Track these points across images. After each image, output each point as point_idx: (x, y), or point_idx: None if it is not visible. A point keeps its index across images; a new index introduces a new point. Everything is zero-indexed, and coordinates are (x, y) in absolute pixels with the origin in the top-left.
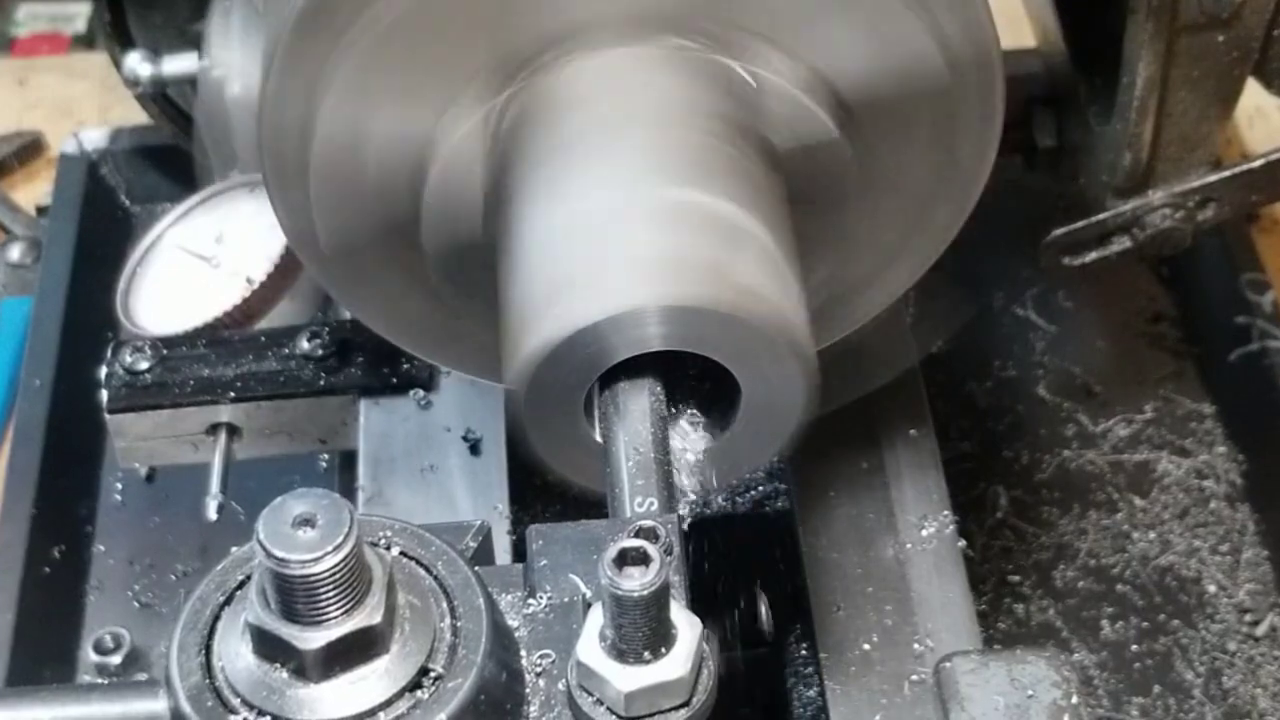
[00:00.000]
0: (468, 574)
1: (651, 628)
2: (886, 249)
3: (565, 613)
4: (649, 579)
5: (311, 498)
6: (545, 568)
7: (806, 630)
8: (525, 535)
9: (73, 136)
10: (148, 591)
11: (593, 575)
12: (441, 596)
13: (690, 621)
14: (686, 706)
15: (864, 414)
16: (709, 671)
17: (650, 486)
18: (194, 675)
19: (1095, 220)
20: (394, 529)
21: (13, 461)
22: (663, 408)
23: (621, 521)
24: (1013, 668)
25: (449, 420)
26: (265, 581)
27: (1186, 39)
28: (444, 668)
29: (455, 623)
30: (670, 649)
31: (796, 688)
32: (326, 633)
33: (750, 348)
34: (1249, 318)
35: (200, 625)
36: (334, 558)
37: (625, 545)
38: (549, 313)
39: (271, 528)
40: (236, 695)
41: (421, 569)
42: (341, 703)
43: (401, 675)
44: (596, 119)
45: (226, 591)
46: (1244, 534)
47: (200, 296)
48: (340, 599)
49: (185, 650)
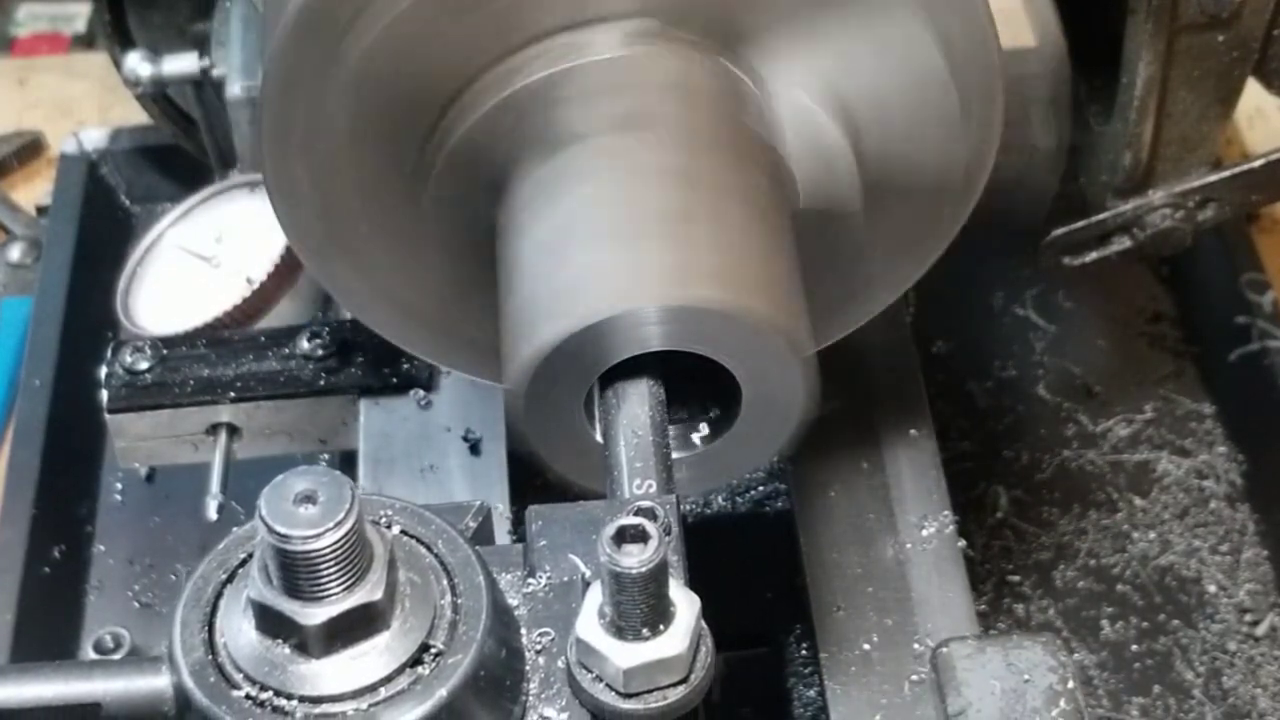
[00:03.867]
0: (468, 552)
1: (650, 605)
2: (886, 251)
3: (564, 592)
4: (647, 556)
5: (313, 475)
6: (545, 548)
7: (806, 630)
8: (524, 516)
9: (73, 136)
10: (148, 591)
11: (592, 555)
12: (442, 574)
13: (689, 599)
14: (685, 683)
15: (864, 414)
16: (707, 649)
17: (649, 469)
18: (197, 651)
19: (1095, 220)
20: (394, 508)
21: (13, 461)
22: (663, 401)
23: (620, 502)
24: (1009, 653)
25: (449, 420)
26: (267, 558)
27: (1186, 39)
28: (444, 644)
29: (455, 600)
30: (669, 626)
31: (796, 688)
32: (328, 609)
33: (750, 348)
34: (1249, 318)
35: (203, 602)
36: (335, 534)
37: (624, 523)
38: (549, 313)
39: (274, 504)
40: (239, 671)
41: (422, 547)
42: (343, 678)
43: (402, 651)
44: (599, 119)
45: (229, 569)
46: (1244, 534)
47: (200, 296)
48: (341, 575)
49: (188, 627)
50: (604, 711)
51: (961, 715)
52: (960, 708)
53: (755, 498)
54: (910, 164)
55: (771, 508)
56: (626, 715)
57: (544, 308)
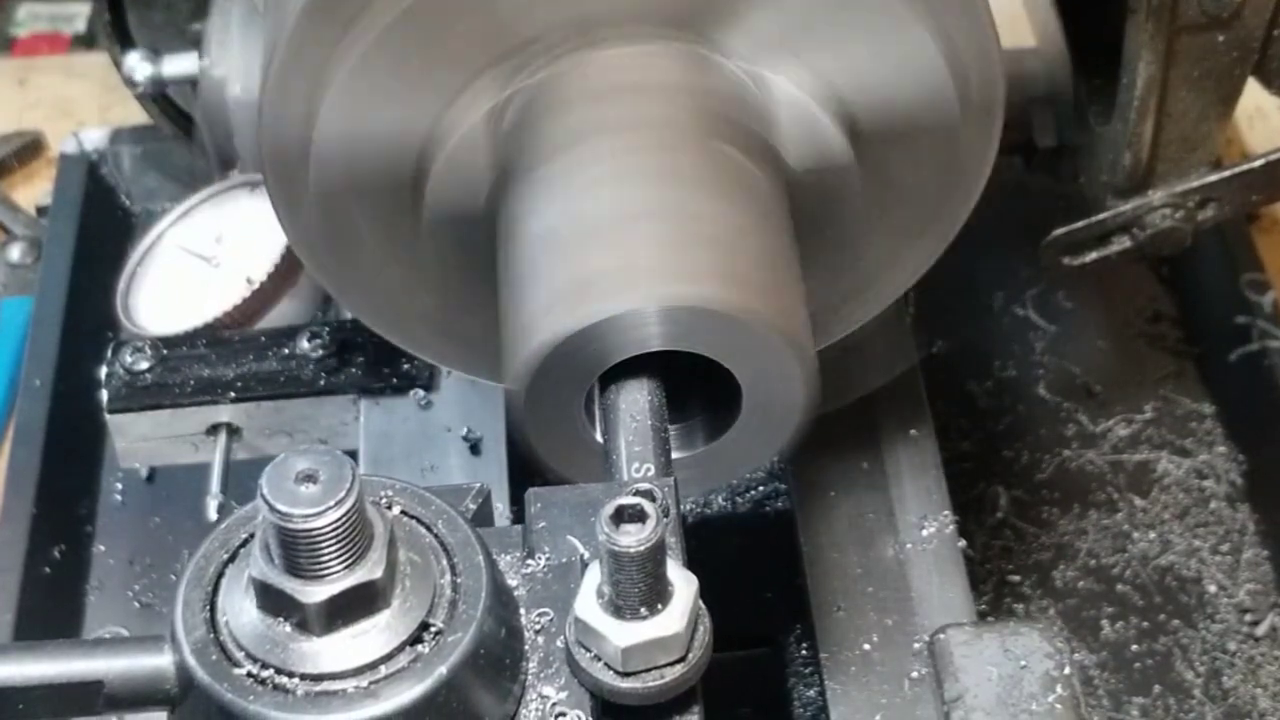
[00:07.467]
0: (467, 532)
1: (648, 584)
2: (886, 250)
3: (563, 573)
4: (645, 535)
5: (314, 454)
6: (544, 529)
7: (806, 630)
8: (524, 498)
9: (73, 136)
10: (148, 591)
11: (590, 537)
12: (442, 554)
13: (686, 579)
14: (683, 662)
15: (864, 414)
16: (705, 628)
17: (647, 453)
18: (199, 630)
19: (1095, 220)
20: (395, 488)
21: (13, 461)
22: (662, 395)
23: (619, 485)
24: (1006, 639)
25: (449, 420)
26: (269, 537)
27: (1186, 39)
28: (444, 623)
29: (455, 579)
30: (666, 605)
31: (796, 688)
32: (329, 587)
33: (750, 348)
34: (1249, 318)
35: (205, 582)
36: (336, 512)
37: (622, 502)
38: (549, 313)
39: (275, 483)
40: (240, 649)
41: (422, 527)
42: (343, 656)
43: (402, 630)
44: (599, 119)
45: (230, 549)
46: (1244, 534)
47: (200, 296)
48: (342, 554)
49: (190, 606)
50: (602, 690)
51: (958, 701)
52: (957, 694)
53: (755, 498)
54: (910, 164)
55: (771, 508)
56: (624, 694)
57: (544, 308)
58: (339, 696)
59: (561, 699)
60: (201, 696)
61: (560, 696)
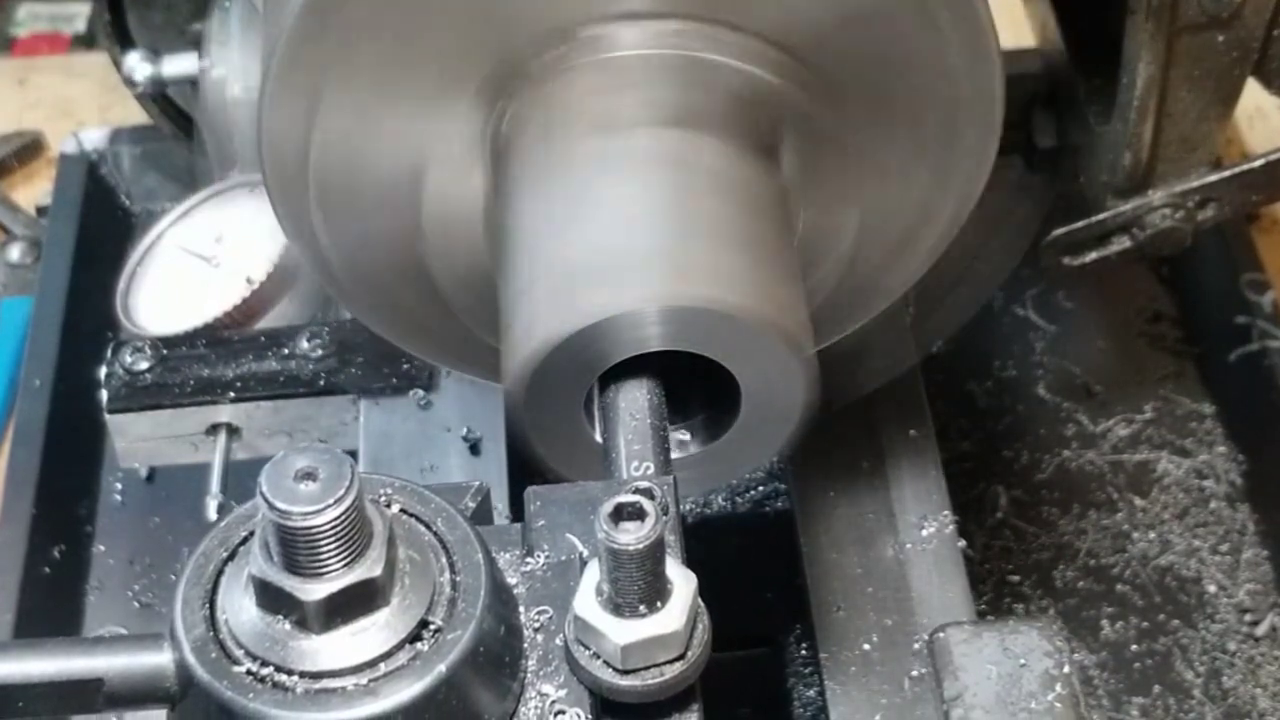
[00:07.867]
0: (466, 530)
1: (647, 582)
2: (887, 250)
3: (562, 571)
4: (644, 533)
5: (313, 452)
6: (543, 527)
7: (806, 630)
8: (523, 496)
9: (73, 136)
10: (148, 591)
11: (590, 535)
12: (441, 552)
13: (686, 576)
14: (682, 660)
15: (864, 414)
16: (704, 626)
17: (646, 451)
18: (198, 628)
19: (1095, 220)
20: (394, 486)
21: (13, 461)
22: (662, 394)
23: (618, 483)
24: (1005, 637)
25: (449, 420)
26: (268, 534)
27: (1186, 39)
28: (443, 620)
29: (454, 577)
30: (666, 603)
31: (796, 688)
32: (328, 585)
33: (750, 348)
34: (1249, 318)
35: (204, 580)
36: (335, 510)
37: (622, 500)
38: (548, 313)
39: (274, 481)
40: (240, 647)
41: (421, 525)
42: (343, 653)
43: (401, 627)
44: (595, 122)
45: (230, 547)
46: (1244, 534)
47: (200, 296)
48: (341, 551)
49: (189, 604)
50: (601, 688)
51: (958, 700)
52: (957, 692)
53: (755, 498)
54: (909, 165)
55: (771, 508)
56: (624, 692)
57: (544, 308)
58: (338, 694)
59: (561, 696)
60: (201, 694)
61: (559, 694)
